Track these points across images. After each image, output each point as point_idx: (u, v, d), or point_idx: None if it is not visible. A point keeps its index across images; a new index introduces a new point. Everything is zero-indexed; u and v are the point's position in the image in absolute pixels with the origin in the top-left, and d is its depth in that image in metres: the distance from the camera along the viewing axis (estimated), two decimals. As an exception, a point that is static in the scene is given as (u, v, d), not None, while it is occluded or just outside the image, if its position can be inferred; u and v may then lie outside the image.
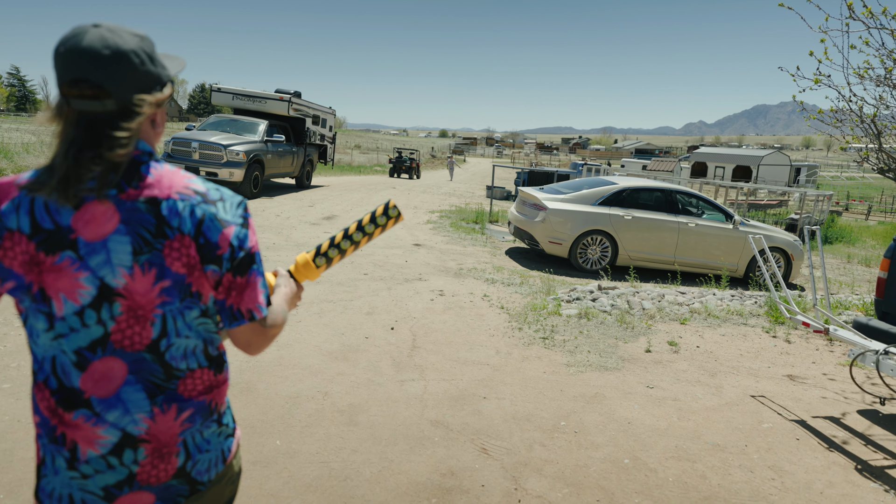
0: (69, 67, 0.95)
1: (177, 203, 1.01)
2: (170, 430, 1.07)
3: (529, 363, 4.25)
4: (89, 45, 0.95)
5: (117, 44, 0.96)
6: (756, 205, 21.79)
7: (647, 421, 3.48)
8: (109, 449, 1.03)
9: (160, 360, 1.04)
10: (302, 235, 8.65)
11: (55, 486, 1.05)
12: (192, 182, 1.05)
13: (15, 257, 0.97)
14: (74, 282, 0.98)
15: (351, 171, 29.97)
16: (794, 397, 4.03)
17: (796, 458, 3.18)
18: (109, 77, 0.95)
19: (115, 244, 0.98)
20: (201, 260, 1.03)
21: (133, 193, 0.99)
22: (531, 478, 2.78)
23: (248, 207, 1.12)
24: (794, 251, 8.58)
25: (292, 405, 3.28)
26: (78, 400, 1.01)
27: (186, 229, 1.01)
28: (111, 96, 0.96)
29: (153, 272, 1.00)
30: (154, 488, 1.07)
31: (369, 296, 5.67)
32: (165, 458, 1.07)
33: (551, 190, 8.94)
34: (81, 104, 0.96)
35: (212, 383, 1.13)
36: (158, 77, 1.03)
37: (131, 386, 1.03)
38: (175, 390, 1.07)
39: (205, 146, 11.64)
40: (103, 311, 0.99)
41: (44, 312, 1.00)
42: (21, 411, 2.93)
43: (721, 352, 4.86)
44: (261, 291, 1.09)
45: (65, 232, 0.97)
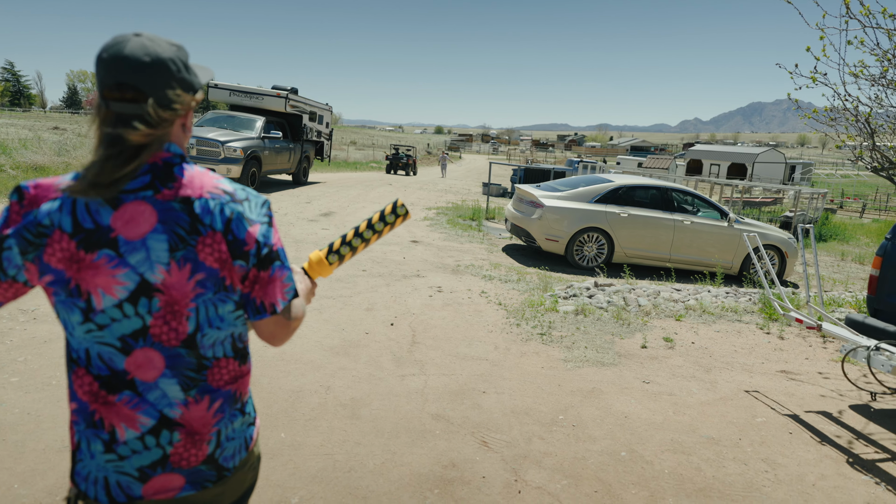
0: (112, 72, 1.01)
1: (208, 202, 1.07)
2: (203, 419, 1.13)
3: (527, 358, 4.32)
4: (131, 53, 1.01)
5: (157, 52, 1.03)
6: (751, 202, 21.92)
7: (643, 415, 3.55)
8: (148, 429, 1.09)
9: (195, 353, 1.10)
10: (300, 232, 8.68)
11: (91, 470, 1.10)
12: (220, 182, 1.12)
13: (54, 254, 1.02)
14: (111, 278, 1.03)
15: (347, 167, 29.96)
16: (787, 392, 4.11)
17: (789, 452, 3.26)
18: (149, 82, 1.02)
19: (154, 242, 1.03)
20: (231, 255, 1.09)
21: (168, 194, 1.05)
22: (531, 470, 2.84)
23: (271, 207, 1.18)
24: (788, 249, 8.67)
25: (296, 399, 3.34)
26: (122, 381, 1.07)
27: (217, 226, 1.07)
28: (149, 100, 1.02)
29: (188, 267, 1.06)
30: (185, 471, 1.13)
31: (368, 292, 5.72)
32: (197, 445, 1.13)
33: (548, 187, 9.00)
34: (120, 107, 1.01)
35: (237, 373, 1.18)
36: (191, 84, 1.10)
37: (168, 378, 1.09)
38: (206, 381, 1.13)
39: (202, 143, 11.63)
40: (140, 306, 1.05)
41: (79, 307, 1.05)
42: (31, 404, 2.97)
43: (716, 348, 4.93)
44: (283, 286, 1.15)
45: (104, 231, 1.02)
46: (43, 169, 12.12)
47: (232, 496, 1.21)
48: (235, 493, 1.22)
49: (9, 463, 2.49)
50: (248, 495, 1.29)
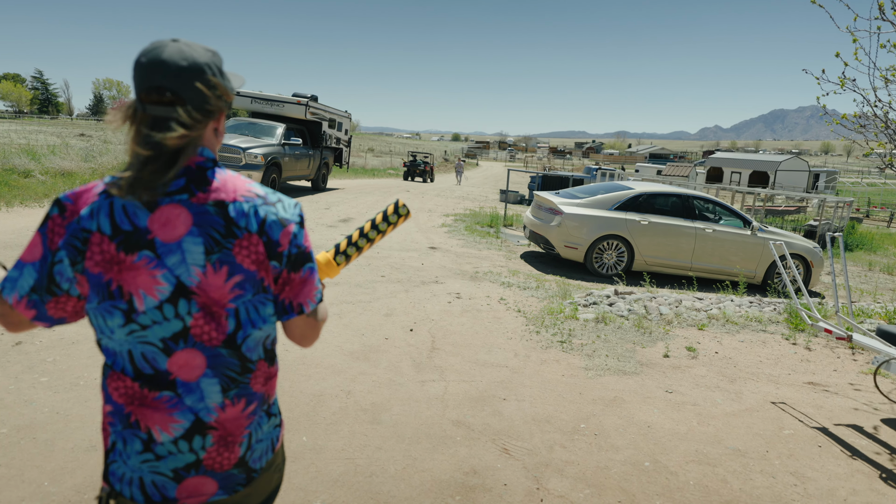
0: (150, 76, 1.03)
1: (242, 205, 1.09)
2: (237, 420, 1.14)
3: (548, 366, 4.28)
4: (169, 57, 1.03)
5: (194, 57, 1.05)
6: (773, 211, 21.57)
7: (666, 425, 3.49)
8: (181, 433, 1.10)
9: (237, 354, 1.11)
10: (319, 238, 8.75)
11: (125, 471, 1.11)
12: (252, 186, 1.14)
13: (93, 257, 1.03)
14: (152, 279, 1.04)
15: (365, 174, 30.16)
16: (815, 404, 4.02)
17: (819, 465, 3.18)
18: (185, 85, 1.03)
19: (189, 245, 1.05)
20: (267, 255, 1.10)
21: (202, 197, 1.06)
22: (553, 478, 2.81)
23: (302, 209, 1.19)
24: (813, 258, 8.50)
25: (317, 403, 3.35)
26: (164, 381, 1.08)
27: (253, 228, 1.08)
28: (185, 103, 1.04)
29: (224, 270, 1.07)
30: (217, 475, 1.13)
31: (387, 298, 5.74)
32: (230, 447, 1.14)
33: (567, 194, 8.95)
34: (157, 110, 1.03)
35: (267, 375, 1.19)
36: (225, 88, 1.12)
37: (209, 379, 1.10)
38: (248, 384, 1.14)
39: (224, 149, 11.82)
40: (180, 307, 1.06)
41: (120, 309, 1.05)
42: (60, 403, 3.03)
43: (740, 358, 4.84)
44: (314, 288, 1.17)
45: (142, 233, 1.03)
46: (70, 174, 12.41)
47: (258, 497, 1.22)
48: (262, 495, 1.23)
49: (39, 461, 2.53)
50: (274, 496, 1.29)
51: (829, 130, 5.06)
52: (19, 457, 2.55)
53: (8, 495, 2.30)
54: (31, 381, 3.26)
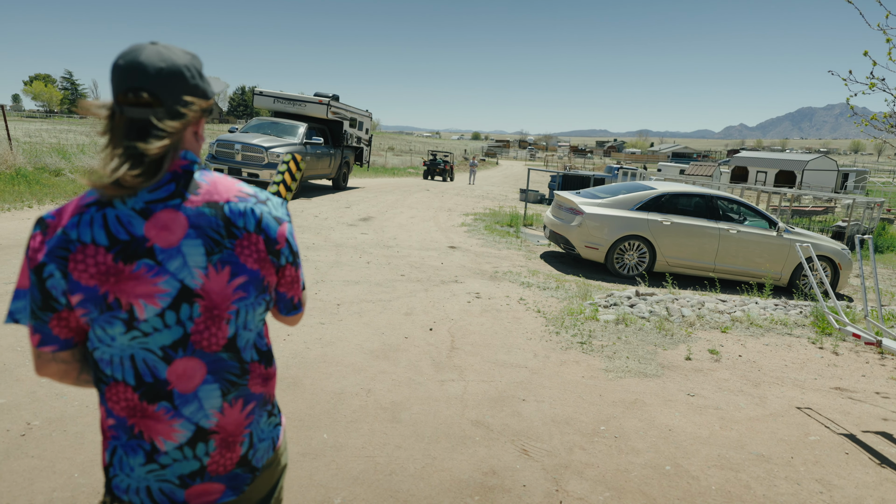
0: (128, 78, 1.02)
1: (237, 205, 1.11)
2: (236, 421, 1.16)
3: (567, 367, 4.26)
4: (147, 59, 1.03)
5: (172, 59, 1.05)
6: (800, 211, 21.10)
7: (688, 429, 3.45)
8: (185, 441, 1.11)
9: (237, 357, 1.13)
10: (340, 236, 8.82)
11: (130, 483, 1.12)
12: (241, 185, 1.17)
13: (86, 269, 1.02)
14: (153, 287, 1.04)
15: (385, 172, 30.30)
16: (842, 410, 3.93)
17: (846, 473, 3.11)
18: (163, 87, 1.03)
19: (189, 248, 1.05)
20: (266, 252, 1.13)
21: (196, 200, 1.07)
22: (572, 480, 2.80)
23: (288, 207, 1.26)
24: (841, 260, 8.31)
25: (337, 401, 3.39)
26: (161, 392, 1.08)
27: (251, 227, 1.11)
28: (162, 105, 1.03)
29: (227, 270, 1.08)
30: (223, 478, 1.16)
31: (407, 297, 5.76)
32: (231, 447, 1.16)
33: (588, 194, 8.88)
34: (134, 112, 1.02)
35: (265, 376, 1.22)
36: (204, 91, 1.12)
37: (209, 385, 1.11)
38: (246, 386, 1.16)
39: (247, 148, 11.99)
40: (182, 312, 1.06)
41: (120, 318, 1.04)
42: (89, 397, 3.11)
43: (764, 362, 4.76)
44: (301, 279, 1.28)
45: (140, 241, 1.03)
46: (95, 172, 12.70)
47: (259, 494, 1.24)
48: (261, 492, 1.25)
49: (69, 453, 2.61)
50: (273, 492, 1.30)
51: (858, 131, 4.94)
52: (51, 448, 2.63)
53: (40, 485, 2.38)
54: (62, 374, 3.35)
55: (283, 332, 4.42)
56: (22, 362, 3.46)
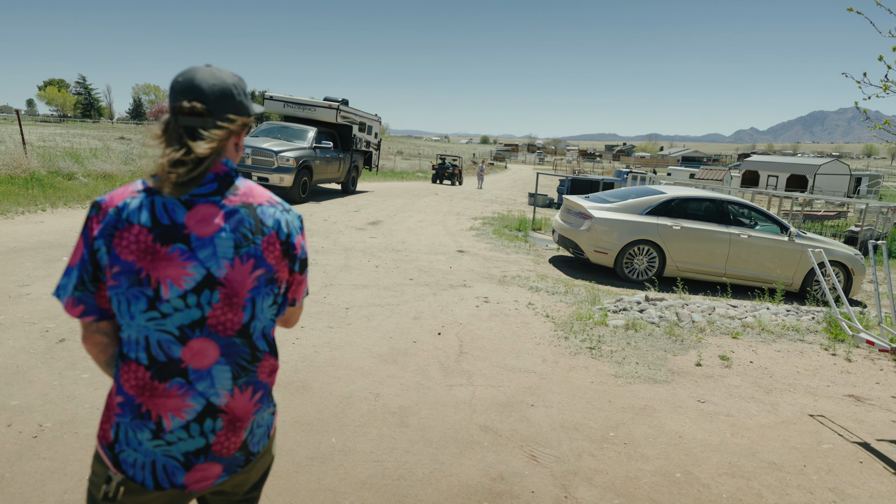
0: (185, 92, 1.20)
1: (268, 209, 1.28)
2: (245, 407, 1.26)
3: (576, 373, 4.24)
4: (202, 78, 1.21)
5: (222, 78, 1.23)
6: (812, 216, 20.90)
7: (698, 435, 3.42)
8: (194, 416, 1.20)
9: (249, 343, 1.25)
10: (349, 240, 8.85)
11: (137, 457, 1.19)
12: (272, 194, 1.33)
13: (128, 246, 1.14)
14: (181, 269, 1.16)
15: (394, 176, 30.38)
16: (856, 418, 3.88)
17: (860, 482, 3.06)
18: (214, 102, 1.20)
19: (221, 240, 1.19)
20: (283, 254, 1.28)
21: (234, 199, 1.23)
22: (581, 487, 2.78)
23: (303, 220, 1.43)
24: (854, 265, 8.21)
25: (346, 405, 3.39)
26: (175, 370, 1.18)
27: (275, 229, 1.27)
28: (212, 116, 1.20)
29: (251, 262, 1.22)
30: (224, 460, 1.25)
31: (415, 301, 5.77)
32: (237, 432, 1.25)
33: (597, 199, 8.85)
34: (188, 121, 1.19)
35: (272, 367, 1.33)
36: (247, 108, 1.29)
37: (221, 366, 1.22)
38: (255, 373, 1.27)
39: (257, 152, 12.07)
40: (203, 297, 1.18)
41: (146, 295, 1.15)
42: (100, 399, 3.14)
43: (776, 368, 4.71)
44: (306, 285, 1.42)
45: (179, 228, 1.17)
46: (111, 177, 12.85)
47: (252, 479, 1.34)
48: (255, 477, 1.35)
49: (80, 455, 2.63)
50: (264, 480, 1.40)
51: (871, 134, 4.88)
52: (62, 450, 2.65)
53: (52, 487, 2.40)
54: (74, 377, 3.39)
55: (291, 335, 4.43)
56: (35, 364, 3.50)
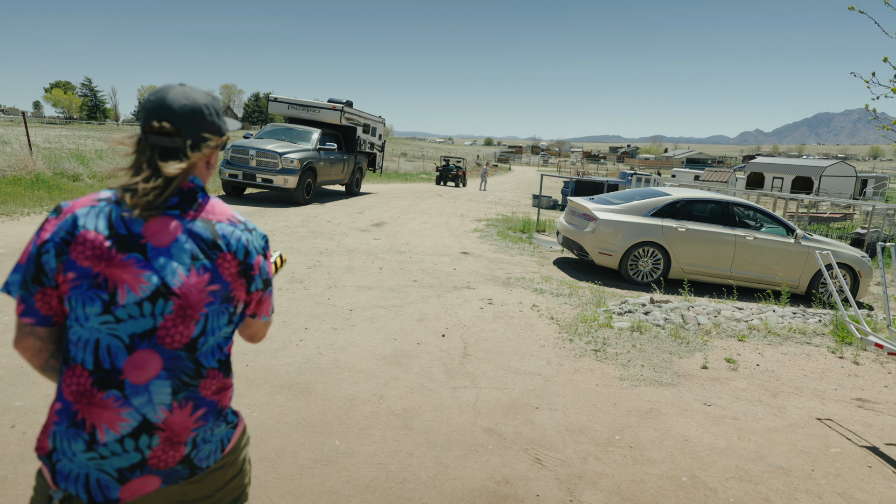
0: (155, 112, 1.20)
1: (227, 227, 1.27)
2: (184, 423, 1.22)
3: (581, 375, 4.21)
4: (173, 97, 1.21)
5: (194, 98, 1.23)
6: (818, 218, 20.79)
7: (705, 439, 3.39)
8: (129, 432, 1.16)
9: (193, 358, 1.22)
10: (353, 241, 8.84)
11: (72, 468, 1.16)
12: (235, 213, 1.32)
13: (83, 252, 1.14)
14: (137, 277, 1.15)
15: (398, 178, 30.40)
16: (864, 422, 3.84)
17: (868, 487, 3.03)
18: (184, 121, 1.20)
19: (177, 250, 1.19)
20: (240, 273, 1.27)
21: (193, 215, 1.23)
22: (586, 490, 2.76)
23: (268, 242, 1.38)
24: (861, 268, 8.15)
25: (349, 407, 3.37)
26: (113, 381, 1.15)
27: (233, 248, 1.26)
28: (181, 135, 1.21)
29: (206, 276, 1.21)
30: (161, 472, 1.20)
31: (419, 302, 5.75)
32: (175, 447, 1.21)
33: (601, 200, 8.82)
34: (157, 139, 1.20)
35: (222, 385, 1.29)
36: (219, 128, 1.28)
37: (161, 380, 1.18)
38: (196, 388, 1.23)
39: (261, 154, 12.08)
40: (157, 306, 1.16)
41: (102, 298, 1.14)
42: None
43: (783, 371, 4.67)
44: (270, 304, 1.41)
45: (136, 237, 1.17)
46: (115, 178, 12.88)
47: (205, 491, 1.29)
48: (210, 488, 1.30)
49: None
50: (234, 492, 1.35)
51: (879, 135, 4.84)
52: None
53: (55, 489, 2.39)
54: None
55: (295, 337, 4.42)
56: (39, 365, 3.50)
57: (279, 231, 9.11)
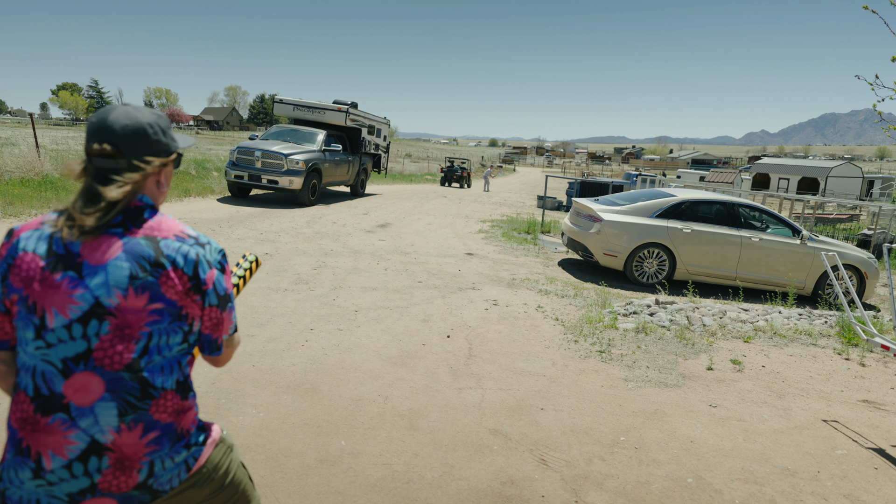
0: (96, 134, 1.18)
1: (173, 243, 1.21)
2: (134, 446, 1.16)
3: (586, 376, 4.22)
4: (115, 118, 1.19)
5: (136, 118, 1.20)
6: (824, 219, 20.70)
7: (710, 440, 3.39)
8: (77, 455, 1.12)
9: (138, 378, 1.16)
10: (358, 242, 8.87)
11: (22, 495, 1.13)
12: (186, 228, 1.27)
13: (19, 273, 1.13)
14: (67, 298, 1.12)
15: (402, 179, 30.45)
16: (871, 424, 3.83)
17: (875, 489, 3.02)
18: (125, 141, 1.18)
19: (114, 268, 1.14)
20: (191, 290, 1.22)
21: (136, 232, 1.19)
22: (591, 491, 2.76)
23: (226, 255, 1.33)
24: (867, 269, 8.12)
25: (355, 407, 3.39)
26: (57, 405, 1.12)
27: (180, 264, 1.20)
28: (124, 156, 1.18)
29: (146, 295, 1.16)
30: (116, 496, 1.16)
31: (424, 303, 5.76)
32: (127, 472, 1.16)
33: (606, 201, 8.82)
34: (100, 162, 1.18)
35: (179, 408, 1.23)
36: (167, 146, 1.26)
37: (106, 402, 1.14)
38: (147, 411, 1.18)
39: (267, 155, 12.14)
40: (90, 328, 1.12)
41: (33, 323, 1.13)
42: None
43: (789, 373, 4.66)
44: (230, 323, 1.34)
45: (73, 256, 1.14)
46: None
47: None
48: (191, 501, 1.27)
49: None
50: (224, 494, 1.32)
51: (886, 136, 4.83)
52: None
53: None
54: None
55: (301, 337, 4.45)
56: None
57: (284, 232, 9.15)
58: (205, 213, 10.32)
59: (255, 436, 2.96)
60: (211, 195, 13.21)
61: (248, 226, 9.44)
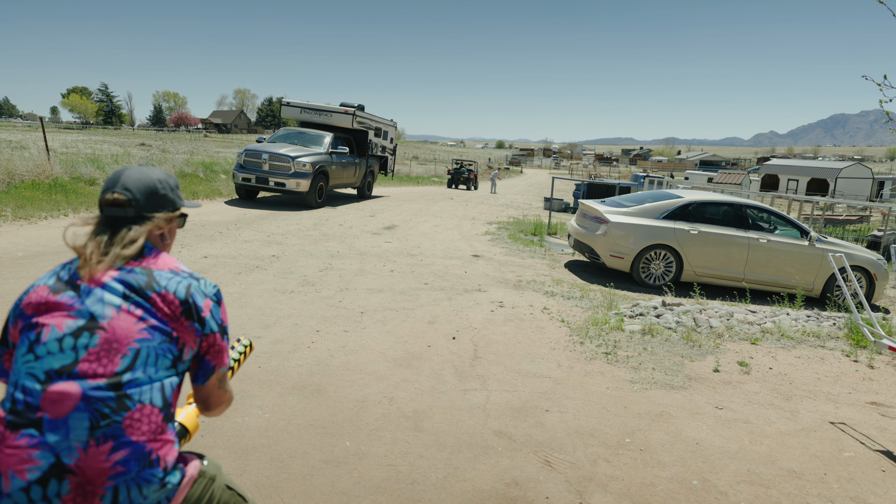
0: (111, 186, 1.34)
1: (168, 273, 1.32)
2: (99, 466, 1.12)
3: (592, 378, 4.21)
4: (128, 174, 1.36)
5: (148, 175, 1.37)
6: (833, 220, 20.53)
7: (716, 442, 3.37)
8: (38, 477, 1.09)
9: (117, 390, 1.17)
10: (364, 244, 8.90)
11: None
12: (181, 265, 1.38)
13: (30, 302, 1.25)
14: (65, 314, 1.21)
15: (409, 181, 30.50)
16: (879, 426, 3.80)
17: (882, 491, 3.00)
18: (135, 194, 1.33)
19: (109, 289, 1.25)
20: (183, 314, 1.30)
21: (133, 264, 1.30)
22: (596, 493, 2.76)
23: (220, 292, 1.43)
24: (877, 271, 8.05)
25: (360, 409, 3.41)
26: (29, 419, 1.12)
27: (171, 290, 1.30)
28: (133, 207, 1.33)
29: (139, 311, 1.25)
30: None
31: (430, 305, 5.78)
32: (88, 498, 1.11)
33: (613, 203, 8.80)
34: (111, 211, 1.32)
35: (155, 428, 1.20)
36: (173, 202, 1.40)
37: (80, 413, 1.13)
38: (120, 424, 1.15)
39: (274, 158, 12.21)
40: (81, 339, 1.19)
41: (29, 339, 1.20)
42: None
43: (796, 375, 4.63)
44: (227, 354, 1.43)
45: (73, 280, 1.27)
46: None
47: None
48: None
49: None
50: None
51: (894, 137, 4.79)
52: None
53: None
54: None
55: (307, 339, 4.47)
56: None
57: (291, 234, 9.20)
58: (213, 216, 10.39)
59: (260, 436, 2.99)
60: (219, 198, 13.31)
61: (255, 228, 9.50)
